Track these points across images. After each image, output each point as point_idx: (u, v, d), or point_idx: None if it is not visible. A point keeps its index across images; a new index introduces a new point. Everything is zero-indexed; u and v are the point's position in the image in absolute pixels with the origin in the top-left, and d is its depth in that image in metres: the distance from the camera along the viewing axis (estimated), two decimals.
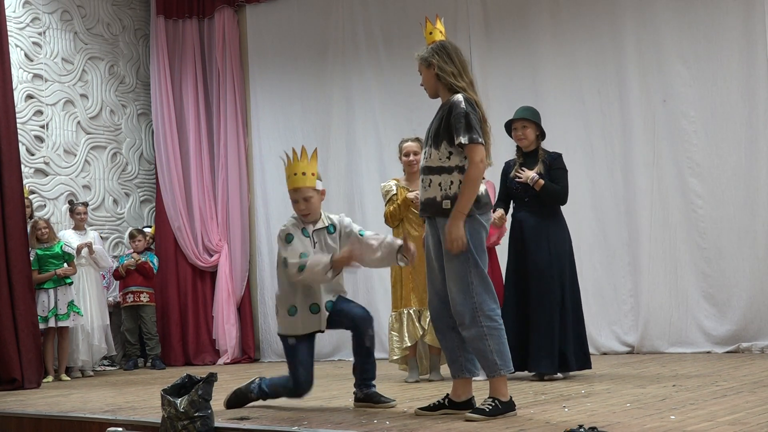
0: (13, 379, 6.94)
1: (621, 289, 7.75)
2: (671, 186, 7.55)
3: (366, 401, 4.59)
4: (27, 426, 5.03)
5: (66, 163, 9.42)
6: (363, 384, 4.64)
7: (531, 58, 8.26)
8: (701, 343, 7.31)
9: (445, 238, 3.95)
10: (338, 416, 4.18)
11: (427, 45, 4.26)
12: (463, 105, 4.04)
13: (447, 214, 3.97)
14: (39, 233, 7.95)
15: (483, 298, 3.92)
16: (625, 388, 4.86)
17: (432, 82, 4.21)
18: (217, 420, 4.24)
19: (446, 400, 4.11)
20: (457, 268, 3.95)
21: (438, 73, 4.16)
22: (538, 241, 5.78)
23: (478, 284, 3.92)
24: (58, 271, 7.86)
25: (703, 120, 7.43)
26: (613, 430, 3.03)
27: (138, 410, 4.94)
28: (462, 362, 4.10)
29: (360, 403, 4.61)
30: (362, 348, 4.62)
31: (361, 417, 4.10)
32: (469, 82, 4.17)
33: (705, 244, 7.38)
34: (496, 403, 3.85)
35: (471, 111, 4.02)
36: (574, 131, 8.01)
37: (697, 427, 3.32)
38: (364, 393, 4.62)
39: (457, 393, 4.10)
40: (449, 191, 4.00)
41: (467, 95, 4.09)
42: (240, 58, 9.93)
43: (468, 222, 3.94)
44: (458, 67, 4.15)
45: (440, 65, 4.13)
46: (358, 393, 4.66)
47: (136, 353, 9.19)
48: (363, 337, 4.58)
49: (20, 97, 8.97)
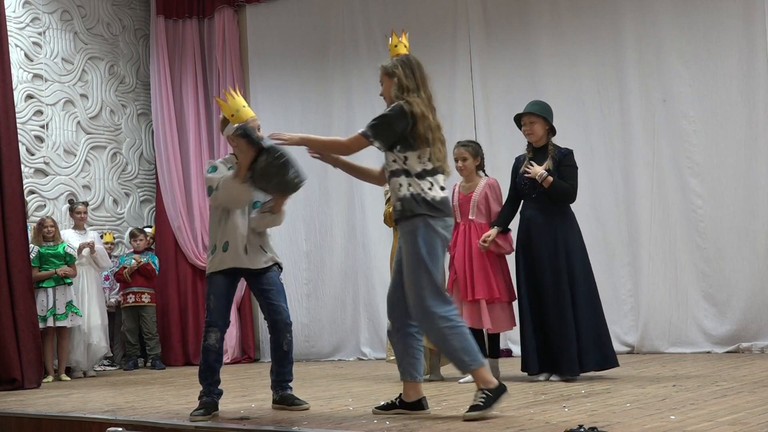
0: (14, 379, 6.94)
1: (621, 289, 7.74)
2: (671, 186, 7.55)
3: (281, 403, 4.63)
4: (27, 426, 5.02)
5: (66, 163, 9.42)
6: (279, 386, 4.69)
7: (531, 58, 8.27)
8: (701, 343, 7.31)
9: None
10: (338, 416, 4.18)
11: (391, 57, 4.39)
12: (391, 107, 4.15)
13: (399, 217, 4.08)
14: (45, 231, 7.96)
15: (433, 302, 3.96)
16: (625, 388, 4.86)
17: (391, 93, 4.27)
18: (218, 420, 4.24)
19: (398, 400, 4.20)
20: (411, 274, 4.01)
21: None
22: (546, 240, 5.62)
23: (428, 288, 3.97)
24: (58, 271, 7.86)
25: (702, 120, 7.43)
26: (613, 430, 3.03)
27: (138, 410, 4.94)
28: (406, 366, 4.19)
29: (277, 405, 4.65)
30: (280, 351, 4.69)
31: (361, 417, 4.10)
32: (427, 97, 4.23)
33: (705, 244, 7.38)
34: (486, 393, 3.88)
35: (393, 114, 4.11)
36: (574, 131, 8.00)
37: (697, 427, 3.32)
38: (280, 395, 4.66)
39: (408, 394, 4.20)
40: (398, 194, 4.09)
41: (410, 103, 4.11)
42: (240, 58, 9.93)
43: (422, 226, 4.00)
44: (418, 82, 4.24)
45: (400, 78, 4.21)
46: (274, 395, 4.70)
47: (136, 353, 9.19)
48: (281, 342, 4.66)
49: (20, 97, 8.97)
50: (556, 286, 5.56)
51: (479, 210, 5.92)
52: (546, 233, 5.65)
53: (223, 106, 4.70)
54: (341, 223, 9.11)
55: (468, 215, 5.92)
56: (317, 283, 9.29)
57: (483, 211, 5.93)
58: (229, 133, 4.61)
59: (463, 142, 6.14)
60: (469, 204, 5.92)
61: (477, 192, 5.93)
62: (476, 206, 5.91)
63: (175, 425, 4.24)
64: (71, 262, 8.02)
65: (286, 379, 4.70)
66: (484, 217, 5.93)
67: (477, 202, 5.91)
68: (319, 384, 6.19)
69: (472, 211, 5.91)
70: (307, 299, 9.33)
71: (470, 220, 5.91)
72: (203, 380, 4.57)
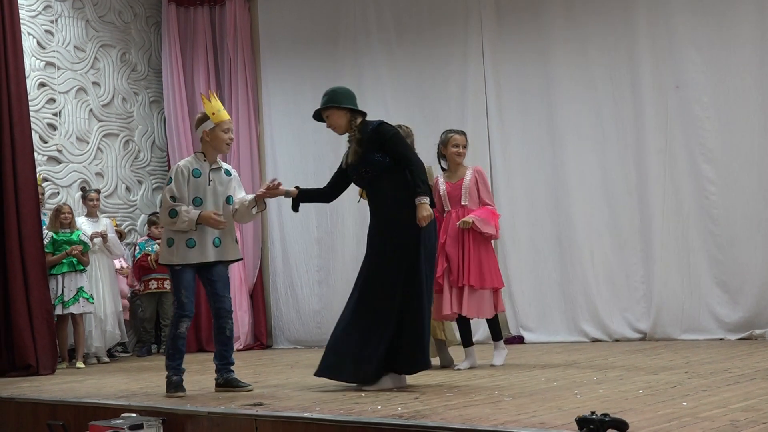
0: (28, 365, 6.99)
1: (633, 276, 7.73)
2: (684, 173, 7.51)
3: (225, 386, 4.99)
4: (42, 412, 5.06)
5: (79, 150, 9.45)
6: (223, 369, 5.03)
7: (543, 44, 8.23)
8: (714, 329, 7.28)
9: None
10: (350, 403, 4.19)
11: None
12: None
13: None
14: (63, 217, 7.97)
15: None
16: (637, 375, 4.85)
17: None
18: (231, 406, 4.26)
19: None
20: None
21: None
22: None
23: None
24: (69, 250, 7.81)
25: (716, 106, 7.38)
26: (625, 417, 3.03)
27: (151, 396, 4.97)
28: None
29: (220, 388, 5.00)
30: (223, 336, 5.05)
31: (374, 402, 4.11)
32: None
33: (718, 231, 7.35)
34: None
35: None
36: (586, 118, 7.99)
37: (710, 413, 3.31)
38: (224, 378, 5.02)
39: None
40: None
41: None
42: (251, 46, 9.92)
43: None
44: None
45: None
46: (218, 378, 5.04)
47: (150, 340, 9.24)
48: (225, 327, 5.04)
49: (33, 85, 9.00)
50: None
51: (470, 196, 5.95)
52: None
53: (206, 104, 5.02)
54: (352, 210, 9.10)
55: (460, 201, 5.95)
56: (329, 270, 9.30)
57: (473, 197, 5.96)
58: (205, 128, 4.99)
59: (457, 130, 6.14)
60: (460, 191, 5.95)
61: (467, 179, 5.97)
62: (468, 192, 5.94)
63: (188, 411, 4.27)
64: (85, 251, 8.04)
65: (230, 362, 5.04)
66: (475, 203, 5.96)
67: (468, 189, 5.95)
68: None
69: (464, 197, 5.94)
70: (319, 286, 9.35)
71: (463, 206, 5.94)
72: (173, 361, 4.96)
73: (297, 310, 9.46)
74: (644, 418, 3.24)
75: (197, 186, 4.95)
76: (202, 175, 4.97)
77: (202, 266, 4.99)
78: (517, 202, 8.30)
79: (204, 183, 4.96)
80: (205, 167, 5.00)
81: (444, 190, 5.99)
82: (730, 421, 3.09)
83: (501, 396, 4.16)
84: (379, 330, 4.70)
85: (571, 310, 7.96)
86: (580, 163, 7.99)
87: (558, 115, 8.13)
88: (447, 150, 6.01)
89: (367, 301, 4.77)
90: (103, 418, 4.36)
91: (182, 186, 4.93)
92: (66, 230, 7.99)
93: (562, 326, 8.00)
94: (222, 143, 4.99)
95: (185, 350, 5.06)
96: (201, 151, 5.05)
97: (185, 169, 4.97)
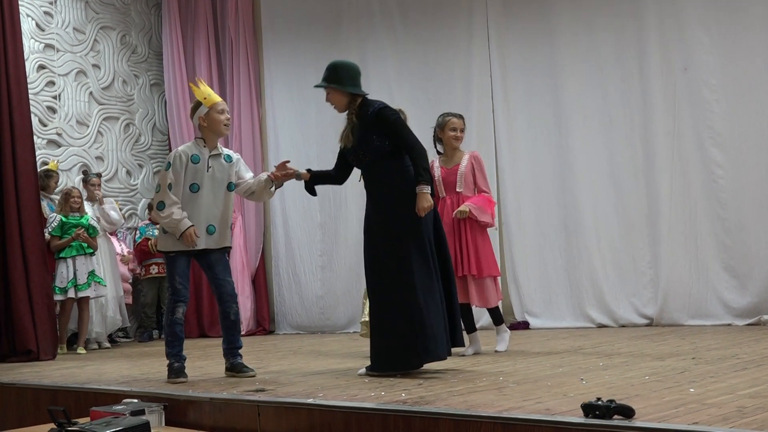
0: (29, 350, 7.01)
1: (640, 260, 7.72)
2: (692, 156, 7.48)
3: (230, 370, 5.04)
4: (43, 397, 5.08)
5: (79, 134, 9.45)
6: (230, 354, 5.08)
7: (548, 25, 8.19)
8: (721, 315, 7.28)
9: None
10: (354, 388, 4.20)
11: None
12: None
13: None
14: (73, 201, 7.97)
15: None
16: (643, 361, 4.85)
17: None
18: (233, 392, 4.27)
19: None
20: None
21: None
22: None
23: None
24: (78, 231, 7.80)
25: (724, 89, 7.34)
26: (631, 403, 3.03)
27: (153, 382, 4.99)
28: None
29: (228, 373, 5.05)
30: (228, 321, 5.09)
31: (378, 388, 4.12)
32: None
33: (726, 215, 7.33)
34: None
35: None
36: (592, 100, 7.96)
37: (717, 399, 3.31)
38: (231, 363, 5.07)
39: None
40: None
41: None
42: (253, 27, 9.89)
43: None
44: None
45: None
46: (226, 363, 5.10)
47: (151, 325, 9.27)
48: (229, 312, 5.07)
49: (32, 67, 8.99)
50: None
51: (466, 183, 5.87)
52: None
53: (196, 91, 5.07)
54: (355, 195, 9.08)
55: (455, 188, 5.87)
56: (332, 254, 9.30)
57: (469, 184, 5.89)
58: (200, 114, 5.02)
59: (455, 113, 6.01)
60: (455, 177, 5.86)
61: (463, 164, 5.89)
62: (463, 179, 5.86)
63: (190, 396, 4.28)
64: (93, 235, 8.04)
65: (236, 346, 5.07)
66: (471, 191, 5.89)
67: (464, 175, 5.87)
68: (333, 356, 6.22)
69: (459, 184, 5.85)
70: (322, 271, 9.36)
71: (458, 192, 5.86)
72: (173, 348, 5.01)
73: (300, 295, 9.47)
74: (650, 405, 3.24)
75: (195, 172, 4.97)
76: (201, 161, 4.99)
77: (197, 253, 5.04)
78: (523, 185, 8.28)
79: (203, 169, 4.98)
80: (204, 153, 5.02)
81: (439, 175, 5.89)
82: (738, 408, 3.09)
83: (506, 382, 4.17)
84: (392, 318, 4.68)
85: (577, 295, 7.96)
86: (586, 146, 7.97)
87: (564, 98, 8.10)
88: (444, 134, 5.91)
89: (375, 292, 4.79)
90: (104, 403, 4.38)
91: (180, 172, 4.95)
92: (75, 214, 7.98)
93: (568, 312, 8.00)
94: (219, 125, 5.01)
95: (184, 336, 5.10)
96: (201, 137, 5.08)
97: (184, 154, 4.99)
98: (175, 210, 4.90)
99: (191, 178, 4.97)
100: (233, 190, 5.10)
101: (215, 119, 5.00)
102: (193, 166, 4.97)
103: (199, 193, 4.96)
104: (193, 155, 4.99)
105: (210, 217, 4.99)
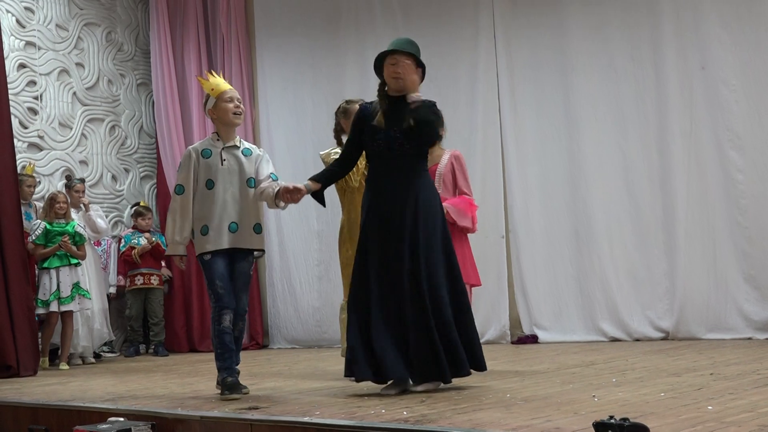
0: (8, 366, 7.01)
1: (655, 270, 7.72)
2: (709, 159, 7.49)
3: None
4: (23, 415, 5.08)
5: (61, 136, 9.47)
6: None
7: (558, 21, 8.21)
8: (741, 328, 7.28)
9: None
10: (352, 406, 4.20)
11: None
12: None
13: None
14: (57, 207, 7.93)
15: None
16: (659, 377, 4.86)
17: None
18: (224, 410, 4.28)
19: None
20: None
21: None
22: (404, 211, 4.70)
23: None
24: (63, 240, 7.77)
25: (744, 88, 7.35)
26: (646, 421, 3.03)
27: (140, 399, 4.99)
28: None
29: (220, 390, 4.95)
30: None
31: (378, 406, 4.12)
32: None
33: (746, 222, 7.33)
34: None
35: None
36: (605, 100, 7.97)
37: (737, 417, 3.31)
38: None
39: None
40: None
41: None
42: (246, 24, 9.92)
43: None
44: None
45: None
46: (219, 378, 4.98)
47: (138, 339, 9.26)
48: (234, 329, 4.97)
49: (12, 66, 9.01)
50: None
51: (444, 184, 5.81)
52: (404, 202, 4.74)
53: (204, 84, 5.10)
54: None
55: None
56: (329, 264, 9.30)
57: (448, 185, 5.83)
58: (209, 107, 5.05)
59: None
60: (433, 177, 5.66)
61: (442, 164, 5.84)
62: (441, 179, 5.81)
63: (179, 415, 4.28)
64: (80, 243, 8.01)
65: (235, 363, 4.97)
66: (450, 192, 5.82)
67: (442, 175, 5.83)
68: (331, 372, 6.22)
69: (437, 185, 5.70)
70: (319, 281, 9.36)
71: None
72: (224, 362, 4.85)
73: (295, 307, 9.47)
74: (666, 423, 3.24)
75: (208, 167, 4.92)
76: (212, 155, 4.94)
77: (229, 252, 4.90)
78: (531, 190, 8.29)
79: (216, 163, 4.92)
80: (217, 146, 4.98)
81: None
82: (759, 426, 3.09)
83: (513, 399, 4.17)
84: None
85: (589, 307, 7.96)
86: (598, 148, 7.98)
87: (575, 98, 8.11)
88: None
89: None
90: (88, 422, 4.38)
91: (189, 172, 4.93)
92: (61, 221, 7.95)
93: (579, 324, 8.00)
94: (228, 113, 4.97)
95: (233, 346, 4.88)
96: (215, 131, 5.07)
97: (194, 151, 4.98)
98: (183, 232, 4.90)
99: (205, 174, 4.92)
100: (253, 186, 4.98)
101: (223, 108, 4.97)
102: (205, 161, 4.93)
103: (214, 189, 4.89)
104: (204, 150, 4.96)
105: (231, 213, 4.89)
